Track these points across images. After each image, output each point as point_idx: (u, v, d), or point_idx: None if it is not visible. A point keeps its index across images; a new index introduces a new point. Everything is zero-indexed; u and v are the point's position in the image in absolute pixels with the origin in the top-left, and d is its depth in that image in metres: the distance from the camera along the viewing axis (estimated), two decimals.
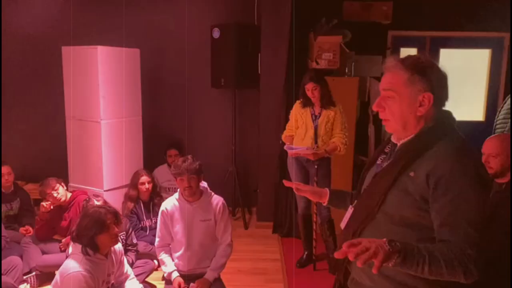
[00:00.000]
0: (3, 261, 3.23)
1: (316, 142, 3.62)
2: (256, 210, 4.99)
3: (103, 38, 4.50)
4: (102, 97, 4.21)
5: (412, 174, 1.36)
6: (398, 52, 5.24)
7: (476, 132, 3.89)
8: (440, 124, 1.40)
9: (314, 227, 3.76)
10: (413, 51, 5.51)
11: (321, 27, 4.50)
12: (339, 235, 1.56)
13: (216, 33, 4.68)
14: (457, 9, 4.99)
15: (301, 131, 3.70)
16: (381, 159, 1.55)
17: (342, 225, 1.63)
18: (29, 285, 3.34)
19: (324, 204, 1.83)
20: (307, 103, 3.67)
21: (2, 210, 3.99)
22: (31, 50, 5.10)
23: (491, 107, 5.44)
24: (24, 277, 3.39)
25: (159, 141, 5.00)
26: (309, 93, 3.58)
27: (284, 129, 3.91)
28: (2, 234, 3.51)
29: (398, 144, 1.48)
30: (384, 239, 1.24)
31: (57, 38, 4.78)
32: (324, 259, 3.87)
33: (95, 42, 4.23)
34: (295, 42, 4.42)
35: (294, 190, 1.85)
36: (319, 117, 3.63)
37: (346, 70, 4.55)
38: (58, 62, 4.41)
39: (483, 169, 1.36)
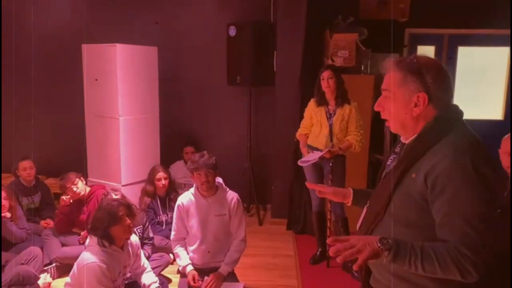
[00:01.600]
0: (24, 251, 3.33)
1: (331, 140, 3.63)
2: (270, 207, 5.02)
3: (122, 36, 4.58)
4: (121, 94, 4.29)
5: (414, 175, 1.36)
6: (415, 50, 5.20)
7: (495, 131, 3.84)
8: (442, 122, 1.38)
9: (328, 224, 3.78)
10: (430, 49, 5.46)
11: (337, 24, 4.50)
12: (353, 233, 1.57)
13: (232, 31, 4.71)
14: (476, 6, 4.92)
15: (316, 129, 3.71)
16: (391, 159, 1.57)
17: (358, 225, 1.64)
18: (49, 275, 3.44)
19: (348, 205, 1.80)
20: (322, 101, 3.67)
21: (24, 204, 4.12)
22: (52, 48, 5.23)
23: (510, 106, 5.36)
24: (45, 268, 3.49)
25: (175, 138, 5.07)
26: (324, 83, 3.57)
27: (299, 127, 3.93)
28: (24, 226, 3.63)
29: (405, 145, 1.49)
30: (378, 237, 1.26)
31: (78, 36, 4.88)
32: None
33: (114, 40, 4.31)
34: (311, 40, 4.42)
35: (316, 193, 1.83)
36: (334, 115, 3.63)
37: (362, 68, 4.54)
38: (79, 60, 4.52)
39: (486, 167, 1.30)
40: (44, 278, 3.02)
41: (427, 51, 5.53)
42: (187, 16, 5.11)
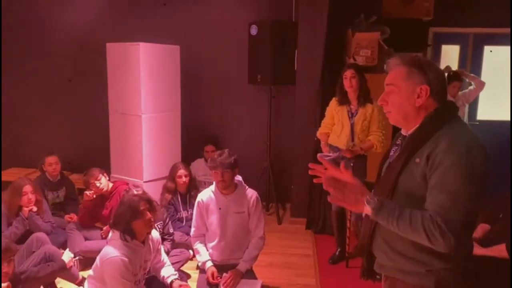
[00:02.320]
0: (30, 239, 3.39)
1: (352, 140, 3.60)
2: (290, 206, 5.02)
3: (145, 35, 4.65)
4: (144, 92, 4.36)
5: (417, 160, 1.49)
6: (439, 49, 5.11)
7: None
8: (441, 114, 1.53)
9: (348, 224, 3.76)
10: (455, 48, 5.37)
11: (360, 23, 4.47)
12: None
13: (253, 30, 4.73)
14: (502, 4, 4.81)
15: (337, 128, 3.69)
16: (393, 150, 1.69)
17: (364, 214, 1.70)
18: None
19: None
20: (343, 100, 3.65)
21: (49, 198, 4.23)
22: (78, 47, 5.35)
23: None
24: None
25: (196, 135, 5.13)
26: (346, 82, 3.55)
27: (320, 126, 3.91)
28: (49, 220, 3.72)
29: (407, 136, 1.62)
30: (371, 194, 1.47)
31: (102, 34, 4.98)
32: (357, 257, 3.85)
33: (138, 39, 4.39)
34: (333, 38, 4.40)
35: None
36: (356, 114, 3.61)
37: (385, 67, 4.48)
38: (103, 58, 4.61)
39: (478, 153, 1.43)
40: (66, 254, 3.12)
41: (451, 50, 5.44)
42: (209, 15, 5.16)
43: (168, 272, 2.86)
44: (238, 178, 3.04)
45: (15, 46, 5.47)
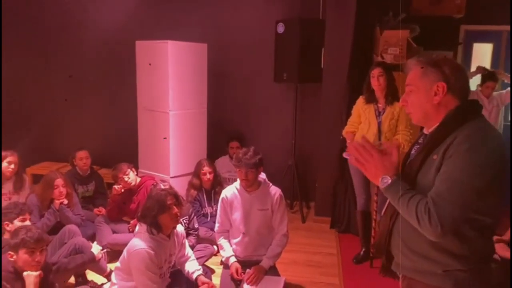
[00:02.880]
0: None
1: (379, 139, 3.56)
2: (314, 204, 5.00)
3: (173, 33, 4.73)
4: (171, 89, 4.43)
5: (435, 157, 1.50)
6: (470, 47, 4.98)
7: None
8: (463, 111, 1.52)
9: (373, 224, 3.72)
10: (488, 47, 5.22)
11: (388, 21, 4.40)
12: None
13: (280, 28, 4.73)
14: None
15: (364, 126, 3.66)
16: (414, 149, 1.69)
17: (383, 211, 1.75)
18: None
19: None
20: (370, 98, 3.62)
21: (79, 191, 4.35)
22: (108, 45, 5.47)
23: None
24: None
25: (222, 132, 5.17)
26: (374, 81, 3.52)
27: (346, 124, 3.89)
28: (79, 213, 3.84)
29: (428, 134, 1.63)
30: (388, 173, 1.52)
31: (132, 32, 5.08)
32: (378, 256, 3.81)
33: (166, 37, 4.46)
34: (360, 36, 4.35)
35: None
36: (383, 113, 3.57)
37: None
38: (132, 56, 4.71)
39: (493, 151, 1.42)
40: (95, 246, 3.22)
41: (483, 48, 5.29)
42: (236, 13, 5.18)
43: (192, 267, 2.90)
44: (262, 175, 3.06)
45: (48, 44, 5.64)
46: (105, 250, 3.67)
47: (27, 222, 2.92)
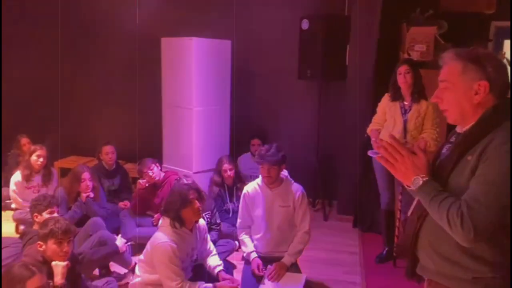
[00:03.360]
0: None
1: (404, 137, 3.50)
2: (336, 203, 4.97)
3: (198, 29, 4.76)
4: (196, 86, 4.47)
5: (469, 158, 1.42)
6: (501, 44, 4.83)
7: None
8: (499, 111, 1.44)
9: (397, 223, 3.66)
10: None
11: (415, 17, 4.32)
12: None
13: (305, 24, 4.69)
14: None
15: (389, 124, 3.60)
16: (446, 148, 1.60)
17: (410, 211, 1.68)
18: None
19: None
20: (396, 96, 3.56)
21: (105, 185, 4.44)
22: (134, 42, 5.54)
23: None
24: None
25: (245, 129, 5.17)
26: (400, 78, 3.46)
27: (370, 122, 3.84)
28: (105, 206, 3.92)
29: (461, 133, 1.54)
30: (419, 173, 1.44)
31: (157, 29, 5.14)
32: (401, 257, 3.76)
33: (190, 34, 4.49)
34: (386, 33, 4.28)
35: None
36: (409, 111, 3.50)
37: (439, 62, 4.31)
38: (158, 52, 4.76)
39: None
40: (120, 239, 3.29)
41: None
42: (260, 10, 5.17)
43: (214, 262, 2.93)
44: (284, 172, 3.06)
45: (78, 41, 5.76)
46: (129, 243, 3.75)
47: (55, 215, 3.00)
